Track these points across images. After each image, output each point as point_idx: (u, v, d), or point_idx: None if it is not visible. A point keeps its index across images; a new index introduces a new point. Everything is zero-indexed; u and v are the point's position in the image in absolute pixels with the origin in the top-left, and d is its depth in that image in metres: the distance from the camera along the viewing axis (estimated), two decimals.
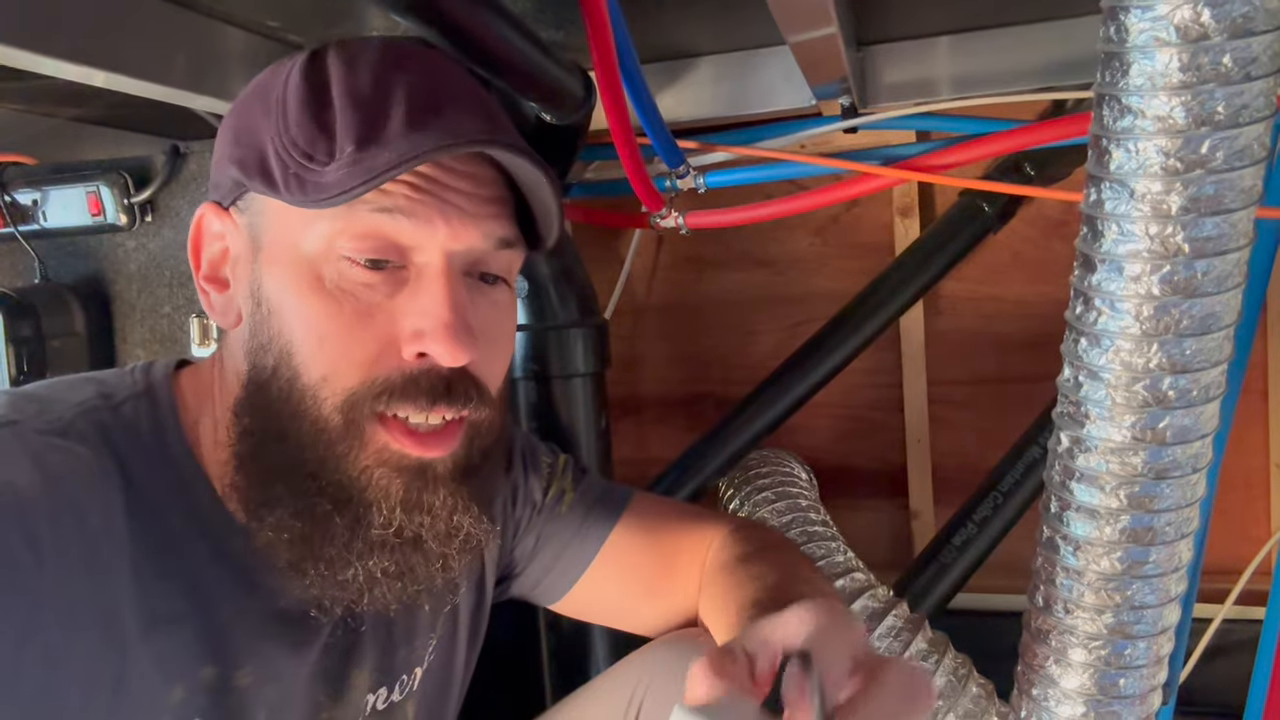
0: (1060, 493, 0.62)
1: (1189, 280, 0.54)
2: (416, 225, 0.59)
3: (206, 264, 0.67)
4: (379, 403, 0.59)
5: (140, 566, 0.58)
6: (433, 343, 0.59)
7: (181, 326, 1.19)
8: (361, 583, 0.62)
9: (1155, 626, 0.62)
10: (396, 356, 0.60)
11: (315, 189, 0.58)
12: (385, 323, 0.60)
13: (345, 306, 0.59)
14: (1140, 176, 0.54)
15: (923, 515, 1.63)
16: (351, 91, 0.60)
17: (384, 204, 0.59)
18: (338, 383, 0.59)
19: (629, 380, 1.75)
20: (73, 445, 0.58)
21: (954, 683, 1.10)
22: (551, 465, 0.88)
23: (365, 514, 0.60)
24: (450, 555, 0.64)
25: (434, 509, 0.62)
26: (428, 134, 0.58)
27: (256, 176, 0.61)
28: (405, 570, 0.62)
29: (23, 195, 1.19)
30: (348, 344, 0.59)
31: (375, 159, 0.57)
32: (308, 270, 0.60)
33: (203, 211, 0.66)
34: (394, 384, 0.59)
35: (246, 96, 0.66)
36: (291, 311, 0.60)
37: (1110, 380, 0.58)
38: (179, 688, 0.59)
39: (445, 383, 0.60)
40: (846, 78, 1.06)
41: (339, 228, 0.59)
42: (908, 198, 1.56)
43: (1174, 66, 0.51)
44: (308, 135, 0.59)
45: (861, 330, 1.41)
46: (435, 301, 0.59)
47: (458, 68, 0.67)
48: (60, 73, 0.78)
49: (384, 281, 0.60)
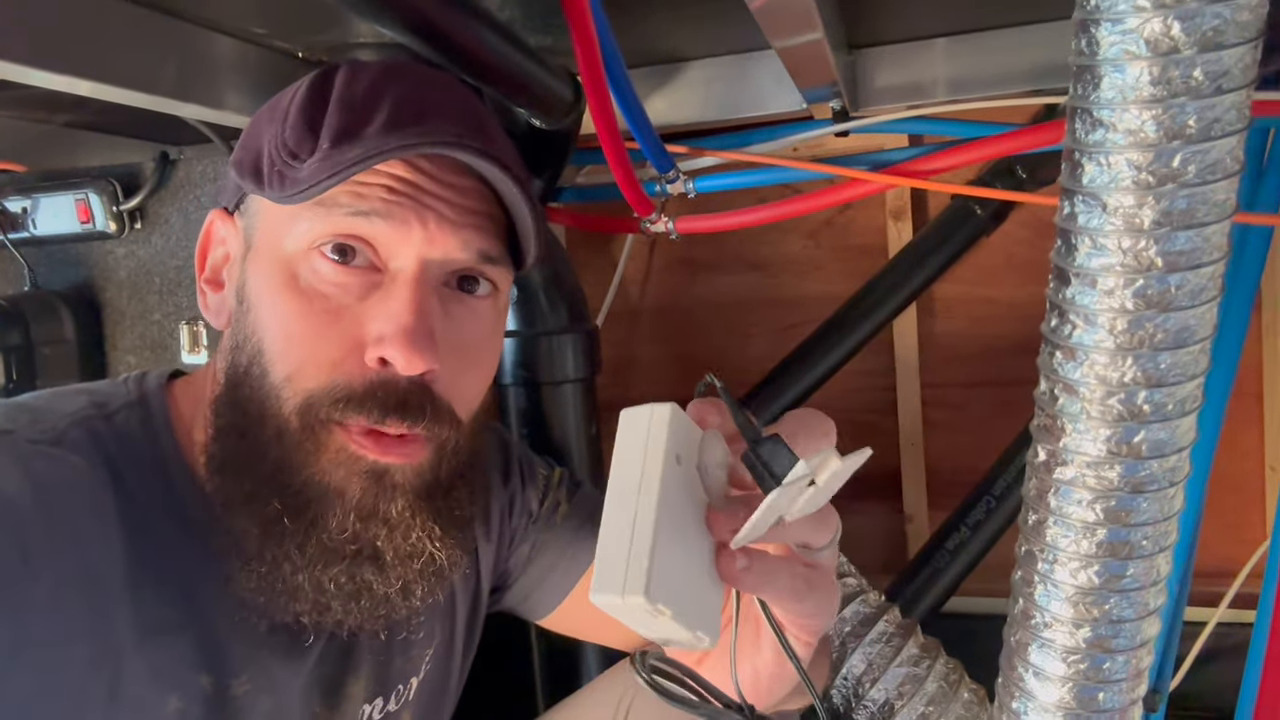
0: (1037, 506, 0.62)
1: (1162, 294, 0.54)
2: (392, 228, 0.59)
3: (209, 267, 0.68)
4: (335, 409, 0.59)
5: (134, 576, 0.58)
6: (390, 347, 0.58)
7: (171, 333, 1.19)
8: (310, 593, 0.61)
9: (1134, 640, 0.62)
10: (359, 361, 0.59)
11: (291, 184, 0.59)
12: (352, 324, 0.60)
13: (315, 305, 0.60)
14: (1112, 190, 0.53)
15: (916, 519, 1.63)
16: (345, 98, 0.61)
17: (360, 207, 0.59)
18: (299, 383, 0.59)
19: (623, 383, 1.75)
20: (66, 455, 0.59)
21: (945, 688, 1.10)
22: (547, 477, 0.89)
23: (321, 518, 0.60)
24: (411, 580, 0.62)
25: (391, 520, 0.61)
26: (404, 134, 0.59)
27: (249, 175, 0.62)
28: (361, 587, 0.61)
29: (12, 203, 1.20)
30: (314, 344, 0.59)
31: (345, 155, 0.58)
32: (285, 268, 0.61)
33: (212, 217, 0.68)
34: (353, 391, 0.59)
35: (262, 109, 0.67)
36: (266, 308, 0.61)
37: (1085, 394, 0.58)
38: (174, 698, 0.60)
39: (401, 396, 0.59)
40: (836, 82, 1.05)
41: (317, 229, 0.60)
42: (900, 201, 1.55)
43: (1145, 80, 0.51)
44: (298, 136, 0.60)
45: (855, 333, 1.41)
46: (400, 306, 0.59)
47: (458, 83, 0.68)
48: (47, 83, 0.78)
49: (357, 284, 0.60)
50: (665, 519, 0.45)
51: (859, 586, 1.17)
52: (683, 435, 0.48)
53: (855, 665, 1.09)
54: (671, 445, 0.47)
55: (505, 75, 0.82)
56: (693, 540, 0.47)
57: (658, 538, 0.44)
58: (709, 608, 0.48)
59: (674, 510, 0.46)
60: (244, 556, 0.61)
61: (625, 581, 0.44)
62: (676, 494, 0.46)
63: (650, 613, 0.44)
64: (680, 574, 0.46)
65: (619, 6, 0.91)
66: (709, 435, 0.49)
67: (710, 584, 0.48)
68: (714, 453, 0.49)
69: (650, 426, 0.47)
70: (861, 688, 1.09)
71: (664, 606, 0.44)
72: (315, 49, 1.02)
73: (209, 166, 1.18)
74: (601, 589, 0.44)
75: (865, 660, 1.09)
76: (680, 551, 0.46)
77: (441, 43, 0.71)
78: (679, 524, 0.46)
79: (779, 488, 0.45)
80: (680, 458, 0.47)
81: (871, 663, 1.09)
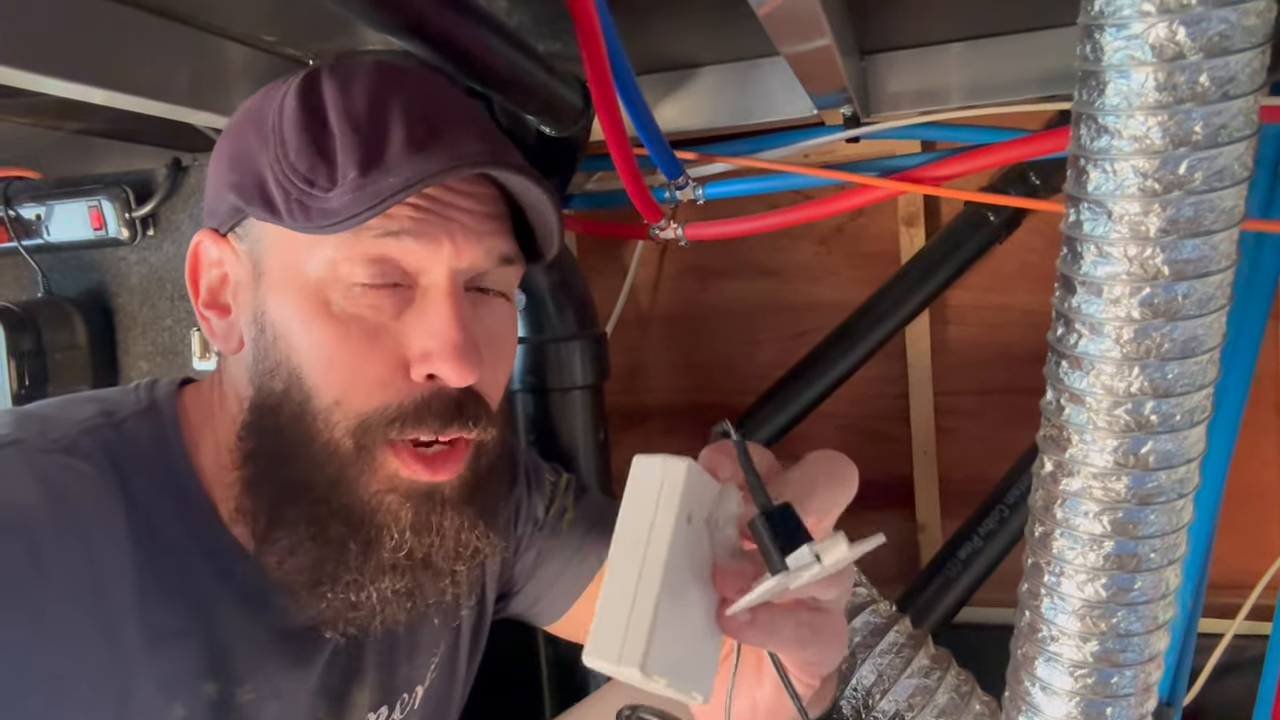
0: (1044, 517, 0.61)
1: (1169, 303, 0.53)
2: (423, 246, 0.60)
3: (205, 291, 0.67)
4: (392, 429, 0.60)
5: (143, 583, 0.59)
6: (441, 363, 0.59)
7: (183, 339, 1.20)
8: (374, 603, 0.63)
9: (1143, 654, 0.61)
10: (406, 379, 0.60)
11: (320, 215, 0.58)
12: (392, 344, 0.60)
13: (353, 329, 0.60)
14: (1118, 198, 0.52)
15: (929, 528, 1.62)
16: (348, 114, 0.60)
17: (390, 228, 0.59)
18: (351, 407, 0.60)
19: (634, 390, 1.75)
20: (76, 463, 0.59)
21: (956, 700, 1.09)
22: (554, 483, 0.88)
23: (377, 537, 0.61)
24: (458, 571, 0.65)
25: (443, 530, 0.62)
26: (431, 156, 0.58)
27: (257, 203, 0.61)
28: (415, 588, 0.63)
29: (26, 210, 1.21)
30: (357, 367, 0.60)
31: (380, 183, 0.57)
32: (314, 295, 0.60)
33: (199, 239, 0.66)
34: (406, 410, 0.60)
35: (239, 122, 0.65)
36: (299, 336, 0.61)
37: (1092, 404, 0.57)
38: (180, 705, 0.60)
39: (455, 404, 0.61)
40: (847, 88, 1.05)
41: (344, 253, 0.59)
42: (912, 207, 1.54)
43: (1150, 86, 0.50)
44: (308, 161, 0.59)
45: (866, 340, 1.41)
46: (443, 322, 0.60)
47: (449, 85, 0.68)
48: (61, 91, 0.78)
49: (390, 302, 0.60)
50: (670, 582, 0.44)
51: (869, 596, 1.16)
52: (696, 492, 0.46)
53: (865, 676, 1.08)
54: (684, 505, 0.45)
55: (515, 82, 0.82)
56: (695, 597, 0.46)
57: (659, 606, 0.43)
58: (705, 667, 0.47)
59: (679, 571, 0.45)
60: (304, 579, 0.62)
61: (622, 651, 0.43)
62: (683, 553, 0.45)
63: (645, 680, 0.43)
64: (679, 639, 0.45)
65: (628, 13, 0.91)
66: (725, 490, 0.48)
67: (709, 639, 0.47)
68: (728, 509, 0.48)
69: (664, 481, 0.46)
70: (871, 699, 1.08)
71: (659, 677, 0.43)
72: (325, 56, 1.02)
73: None
74: (597, 653, 0.43)
75: (875, 671, 1.08)
76: (681, 613, 0.45)
77: (450, 50, 0.71)
78: (683, 583, 0.45)
79: (782, 573, 0.44)
80: (692, 516, 0.46)
81: (882, 674, 1.08)
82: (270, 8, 0.89)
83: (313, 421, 0.60)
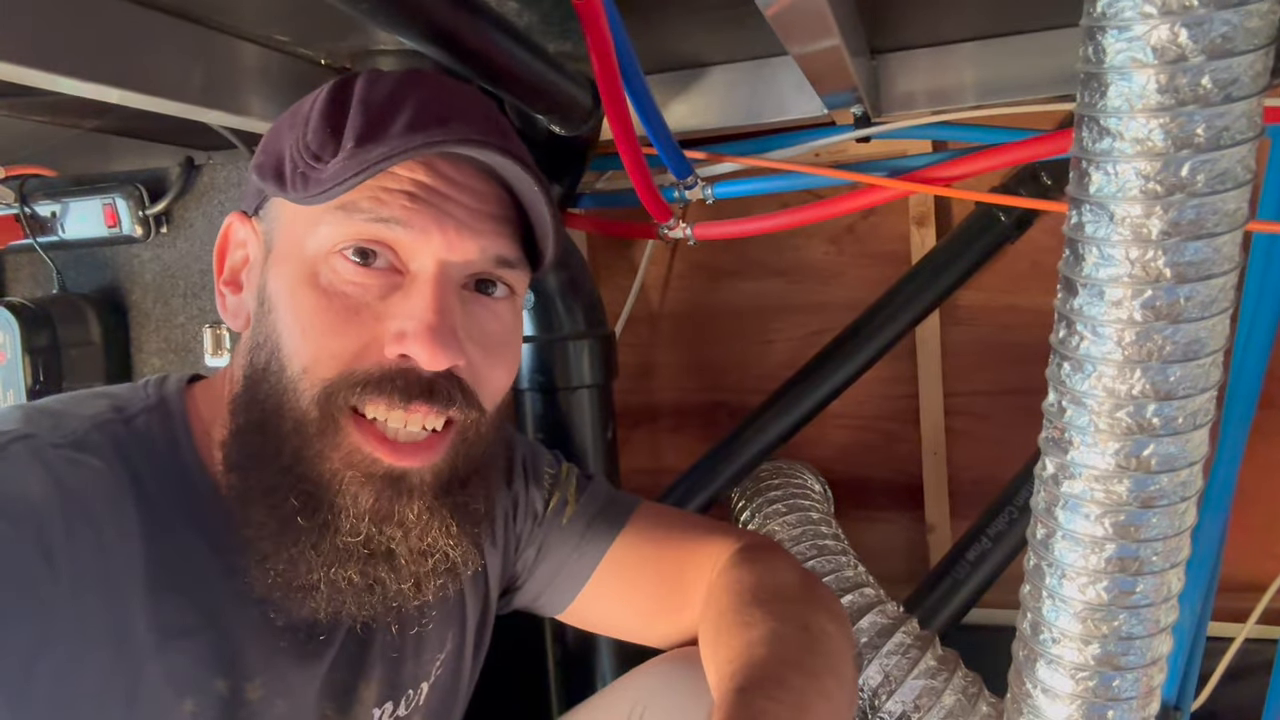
0: (1046, 519, 0.61)
1: (1171, 306, 0.53)
2: (412, 235, 0.61)
3: (228, 269, 0.69)
4: (353, 394, 0.60)
5: (153, 579, 0.59)
6: (413, 344, 0.59)
7: (195, 336, 1.20)
8: (325, 591, 0.62)
9: (1144, 658, 0.61)
10: (379, 353, 0.61)
11: (315, 184, 0.60)
12: (371, 321, 0.61)
13: (335, 302, 0.61)
14: (1120, 200, 0.52)
15: (939, 529, 1.61)
16: (366, 101, 0.62)
17: (381, 213, 0.60)
18: (316, 374, 0.60)
19: (644, 389, 1.75)
20: (87, 458, 0.60)
21: (963, 701, 1.08)
22: (554, 475, 0.88)
23: (333, 519, 0.61)
24: (423, 576, 0.63)
25: (407, 522, 0.62)
26: (426, 134, 0.60)
27: (270, 178, 0.63)
28: (373, 582, 0.62)
29: (42, 207, 1.22)
30: (330, 337, 0.60)
31: (368, 154, 0.59)
32: (306, 268, 0.62)
33: (231, 220, 0.69)
34: (371, 377, 0.60)
35: (283, 115, 0.68)
36: (285, 307, 0.62)
37: (1093, 406, 0.57)
38: (190, 701, 0.60)
39: (427, 384, 0.61)
40: (857, 87, 1.04)
41: (341, 232, 0.61)
42: (923, 207, 1.54)
43: (1152, 88, 0.50)
44: (320, 139, 0.61)
45: (877, 340, 1.40)
46: (421, 305, 0.60)
47: (477, 92, 0.69)
48: (76, 90, 0.79)
49: (378, 284, 0.61)
50: None
51: (876, 597, 1.16)
52: None
53: (871, 677, 1.08)
54: None
55: (524, 82, 0.83)
56: None
57: None
58: None
59: None
60: (260, 554, 0.61)
61: None
62: None
63: None
64: None
65: (637, 12, 0.91)
66: None
67: None
68: None
69: None
70: (877, 700, 1.08)
71: None
72: (337, 56, 1.03)
73: (233, 172, 1.20)
74: None
75: (882, 672, 1.08)
76: None
77: (460, 50, 0.72)
78: None
79: None
80: None
81: (888, 674, 1.08)
82: (283, 8, 0.89)
83: (285, 390, 0.61)
